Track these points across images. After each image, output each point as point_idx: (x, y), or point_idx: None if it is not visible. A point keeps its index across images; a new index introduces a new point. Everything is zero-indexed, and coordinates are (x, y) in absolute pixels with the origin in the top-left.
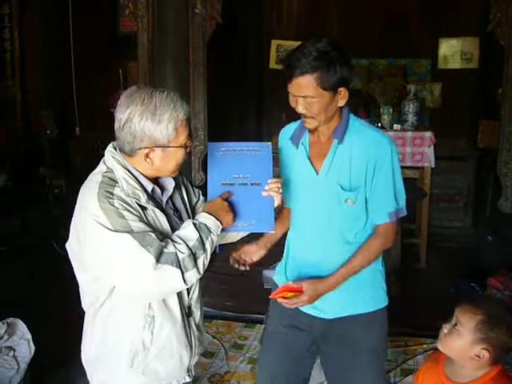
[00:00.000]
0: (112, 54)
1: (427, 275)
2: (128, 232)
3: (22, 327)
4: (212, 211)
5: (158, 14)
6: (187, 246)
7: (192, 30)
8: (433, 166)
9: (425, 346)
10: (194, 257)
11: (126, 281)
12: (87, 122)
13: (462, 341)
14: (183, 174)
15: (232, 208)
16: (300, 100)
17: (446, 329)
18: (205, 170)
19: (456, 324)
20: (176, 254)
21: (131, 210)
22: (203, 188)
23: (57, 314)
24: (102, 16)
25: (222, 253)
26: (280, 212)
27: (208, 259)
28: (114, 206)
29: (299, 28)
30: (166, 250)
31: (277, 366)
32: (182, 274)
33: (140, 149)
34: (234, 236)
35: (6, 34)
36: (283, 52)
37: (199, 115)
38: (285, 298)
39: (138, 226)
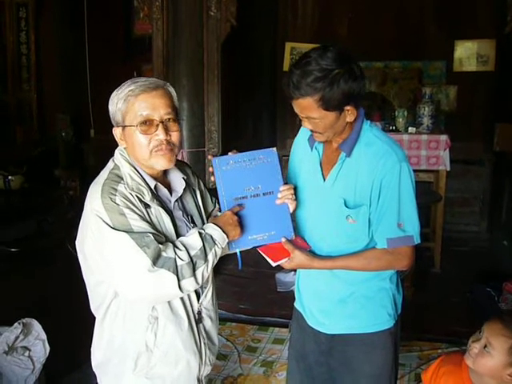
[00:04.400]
0: (126, 56)
1: (442, 279)
2: (126, 231)
3: (37, 327)
4: (220, 224)
5: (173, 16)
6: (188, 253)
7: (206, 33)
8: (448, 169)
9: (439, 350)
10: (193, 265)
11: (121, 281)
12: (102, 124)
13: (495, 362)
14: (199, 178)
15: (241, 222)
16: (304, 118)
17: (475, 348)
18: None
19: (486, 345)
20: (175, 259)
21: (133, 208)
22: (215, 192)
23: (72, 316)
24: (117, 19)
25: (243, 265)
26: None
27: (209, 270)
28: (115, 202)
29: (313, 30)
30: (164, 254)
31: (303, 379)
32: (178, 280)
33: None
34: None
35: (23, 38)
36: (297, 55)
37: (213, 118)
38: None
39: (138, 225)
